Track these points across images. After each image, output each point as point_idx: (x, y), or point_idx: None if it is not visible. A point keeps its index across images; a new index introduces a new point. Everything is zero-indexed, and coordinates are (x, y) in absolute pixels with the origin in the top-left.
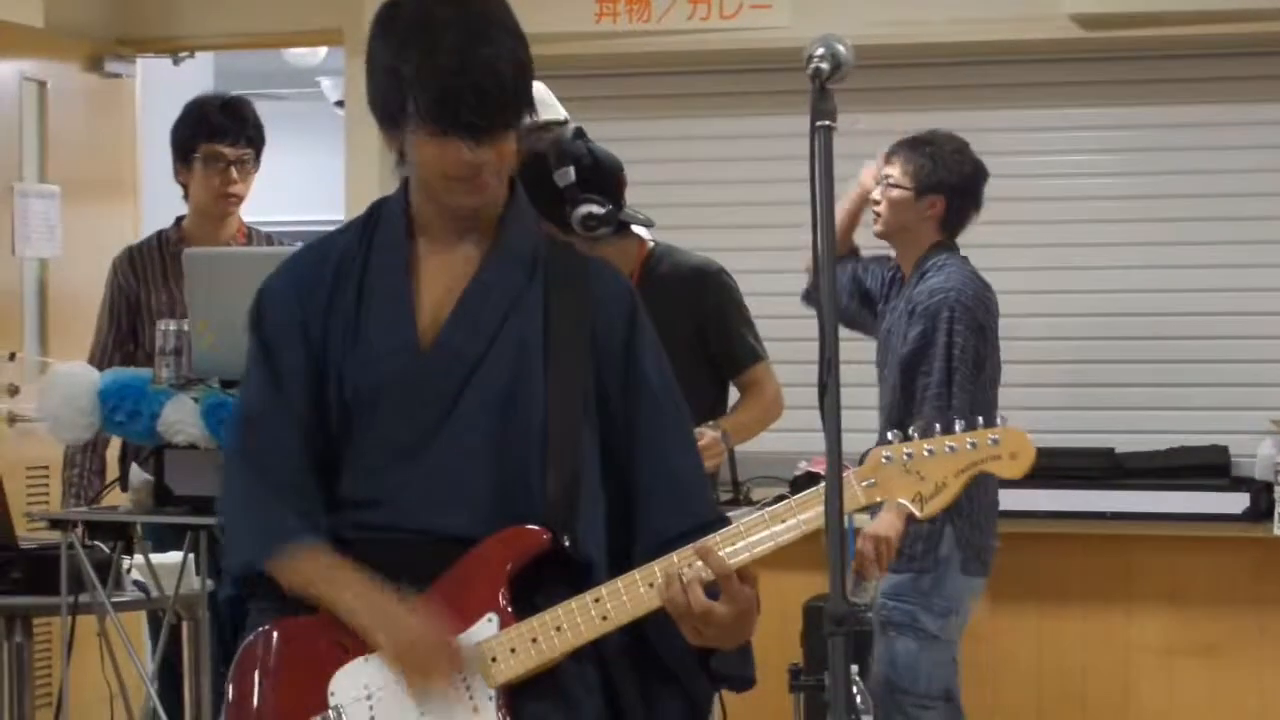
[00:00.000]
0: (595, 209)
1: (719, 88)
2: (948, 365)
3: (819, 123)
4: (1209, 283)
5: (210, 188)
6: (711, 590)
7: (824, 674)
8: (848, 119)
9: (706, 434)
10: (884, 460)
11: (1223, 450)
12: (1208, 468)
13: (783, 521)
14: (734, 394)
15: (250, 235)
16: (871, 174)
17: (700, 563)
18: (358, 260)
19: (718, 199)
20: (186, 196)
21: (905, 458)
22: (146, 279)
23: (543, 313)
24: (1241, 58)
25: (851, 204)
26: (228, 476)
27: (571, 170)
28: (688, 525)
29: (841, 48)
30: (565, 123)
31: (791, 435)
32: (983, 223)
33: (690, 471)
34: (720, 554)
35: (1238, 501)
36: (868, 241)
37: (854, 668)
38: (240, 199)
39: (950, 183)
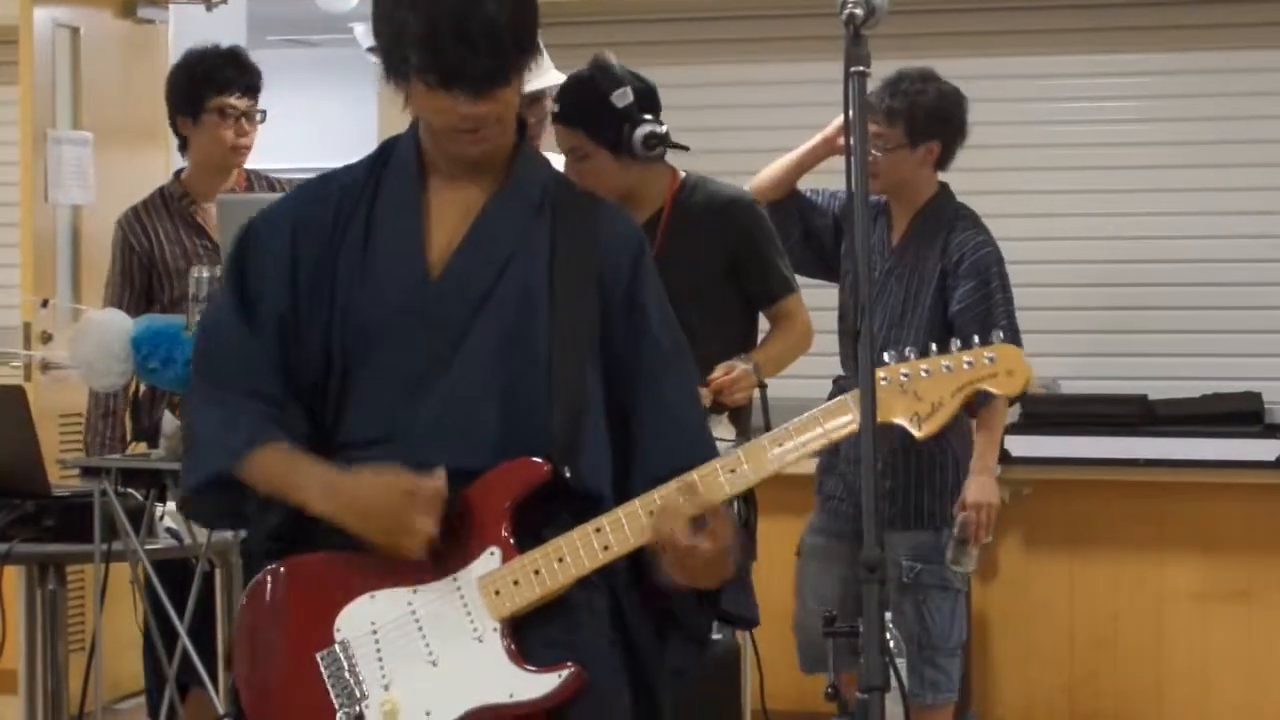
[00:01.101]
0: (657, 128)
1: (749, 33)
2: (1012, 323)
3: (853, 69)
4: (1241, 229)
5: (223, 141)
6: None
7: (858, 620)
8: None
9: (738, 366)
10: (881, 381)
11: (1256, 397)
12: (1241, 414)
13: (799, 436)
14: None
15: (250, 181)
16: (839, 128)
17: (682, 502)
18: (365, 196)
19: (747, 145)
20: (184, 149)
21: (902, 378)
22: (158, 235)
23: (549, 250)
24: (1271, 1)
25: (812, 153)
26: (192, 400)
27: (630, 90)
28: (682, 464)
29: None
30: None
31: (823, 382)
32: (1013, 169)
33: (687, 412)
34: (700, 490)
35: (1271, 448)
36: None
37: (887, 615)
38: (249, 149)
39: (944, 122)
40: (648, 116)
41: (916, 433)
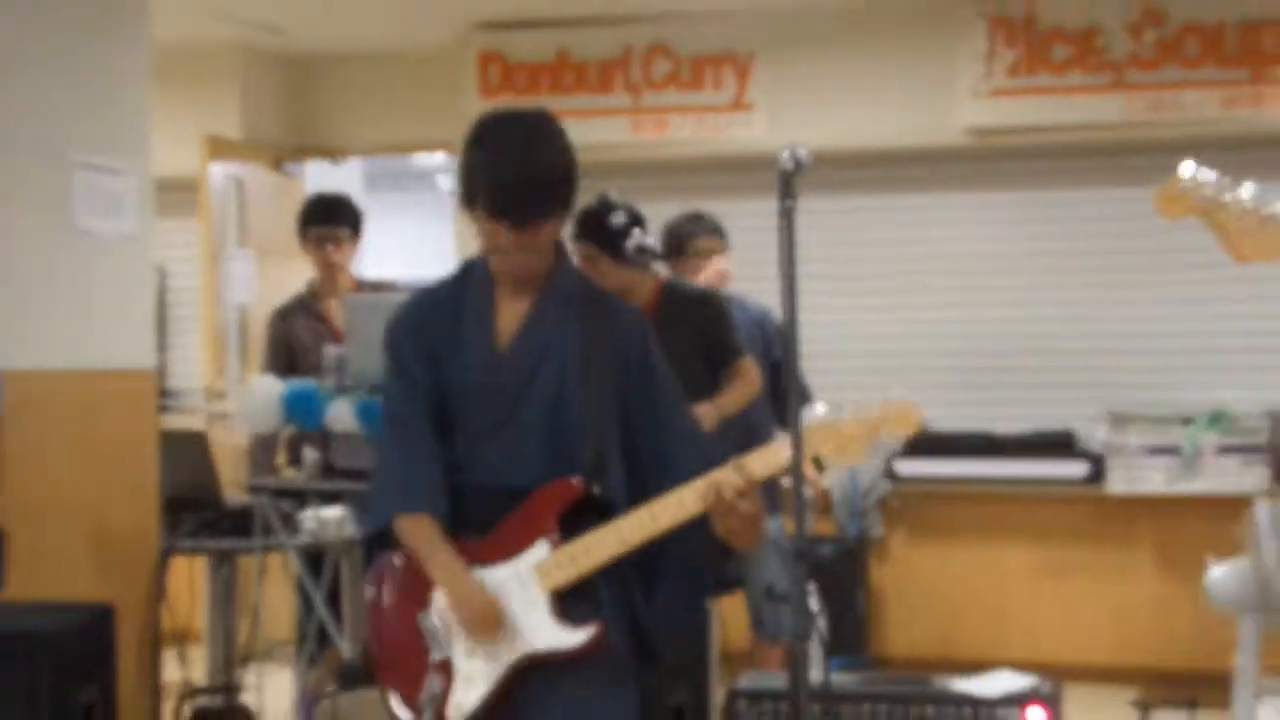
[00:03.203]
0: (645, 241)
1: (715, 180)
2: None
3: (786, 202)
4: (1065, 313)
5: (317, 259)
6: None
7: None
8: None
9: (702, 407)
10: (811, 423)
11: (1069, 433)
12: (1059, 444)
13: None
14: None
15: (360, 285)
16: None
17: (734, 475)
18: (456, 301)
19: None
20: None
21: (829, 420)
22: (293, 326)
23: (579, 336)
24: (1090, 154)
25: None
26: (382, 453)
27: (623, 213)
28: (701, 470)
29: (803, 152)
30: None
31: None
32: (906, 272)
33: (696, 433)
34: (750, 468)
35: (1080, 469)
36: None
37: (812, 585)
38: (341, 265)
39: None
40: (637, 231)
41: (832, 462)
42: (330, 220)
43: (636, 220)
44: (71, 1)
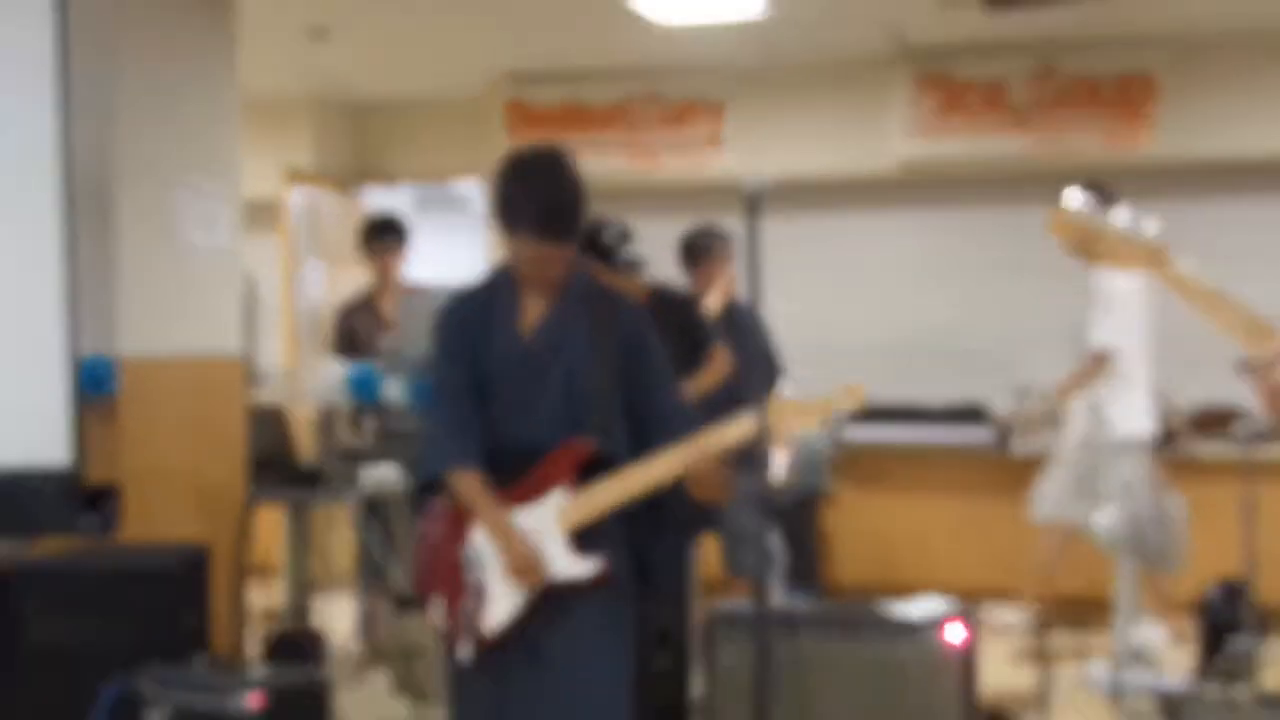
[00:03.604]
0: (630, 255)
1: (695, 203)
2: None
3: (751, 220)
4: (978, 308)
5: (375, 267)
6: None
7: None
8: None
9: (683, 384)
10: (782, 401)
11: (979, 407)
12: (971, 415)
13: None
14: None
15: (409, 288)
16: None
17: (709, 443)
18: (486, 301)
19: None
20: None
21: (793, 399)
22: (356, 321)
23: (588, 327)
24: (997, 183)
25: None
26: (435, 420)
27: (614, 231)
28: (687, 432)
29: (765, 180)
30: None
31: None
32: (849, 276)
33: (683, 405)
34: (720, 441)
35: (989, 435)
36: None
37: (775, 528)
38: (394, 271)
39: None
40: (626, 247)
41: (798, 430)
42: (385, 236)
43: (625, 236)
44: (177, 60)
